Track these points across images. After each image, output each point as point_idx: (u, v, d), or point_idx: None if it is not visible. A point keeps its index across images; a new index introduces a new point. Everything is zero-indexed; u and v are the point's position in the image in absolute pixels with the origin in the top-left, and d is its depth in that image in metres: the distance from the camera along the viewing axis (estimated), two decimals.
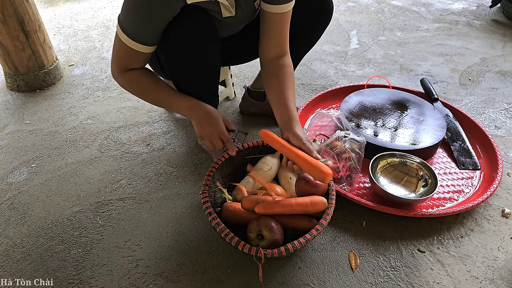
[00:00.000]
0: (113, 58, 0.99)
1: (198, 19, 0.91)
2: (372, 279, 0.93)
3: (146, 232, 1.07)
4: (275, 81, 1.04)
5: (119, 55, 0.97)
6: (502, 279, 0.93)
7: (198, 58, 0.98)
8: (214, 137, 1.02)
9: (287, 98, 1.00)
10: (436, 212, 1.04)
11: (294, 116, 0.98)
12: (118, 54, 0.97)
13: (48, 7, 2.72)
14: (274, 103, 1.03)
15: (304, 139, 0.93)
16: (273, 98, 1.03)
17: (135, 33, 0.89)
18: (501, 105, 1.58)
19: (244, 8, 1.01)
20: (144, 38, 0.90)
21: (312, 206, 0.93)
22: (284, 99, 1.00)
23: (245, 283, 0.93)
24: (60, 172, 1.29)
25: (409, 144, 1.22)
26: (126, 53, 0.94)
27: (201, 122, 1.02)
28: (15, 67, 1.70)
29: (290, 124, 0.96)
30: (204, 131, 1.02)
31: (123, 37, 0.91)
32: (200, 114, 1.02)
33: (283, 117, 0.98)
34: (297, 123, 0.97)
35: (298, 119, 0.98)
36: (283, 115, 0.98)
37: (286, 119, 0.97)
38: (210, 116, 1.02)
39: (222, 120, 1.04)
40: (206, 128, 1.02)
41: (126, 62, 0.98)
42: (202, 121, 1.02)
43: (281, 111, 0.99)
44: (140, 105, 1.61)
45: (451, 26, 2.29)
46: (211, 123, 1.01)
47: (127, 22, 0.89)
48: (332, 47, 2.08)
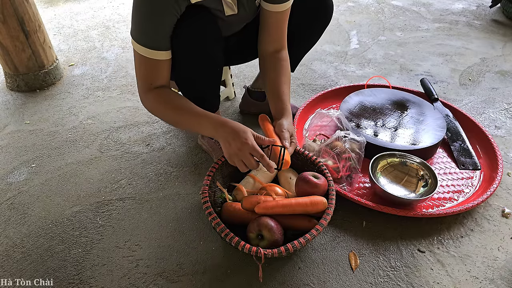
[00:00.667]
0: (137, 80, 0.98)
1: (202, 19, 0.92)
2: (372, 279, 0.93)
3: (146, 232, 1.07)
4: (272, 74, 1.11)
5: (141, 71, 0.96)
6: (502, 279, 0.93)
7: (202, 57, 0.98)
8: (244, 154, 0.89)
9: (281, 91, 1.08)
10: (436, 212, 1.04)
11: (286, 108, 1.06)
12: (139, 71, 0.96)
13: (48, 7, 2.72)
14: (269, 95, 1.11)
15: (285, 127, 1.01)
16: (269, 90, 1.11)
17: (147, 39, 0.90)
18: (501, 105, 1.58)
19: (246, 6, 1.02)
20: (156, 42, 0.90)
21: (312, 206, 0.93)
22: (279, 92, 1.08)
23: (245, 283, 0.93)
24: (60, 172, 1.29)
25: (409, 144, 1.22)
26: (146, 66, 0.94)
27: (228, 140, 0.90)
28: (15, 67, 1.70)
29: (280, 114, 1.05)
30: (232, 150, 0.90)
31: (138, 48, 0.91)
32: (227, 131, 0.90)
33: (276, 108, 1.07)
34: (287, 114, 1.05)
35: (289, 111, 1.07)
36: (276, 106, 1.08)
37: (278, 110, 1.07)
38: (238, 131, 0.90)
39: (251, 134, 0.91)
40: (234, 145, 0.89)
41: (149, 77, 0.96)
42: (229, 138, 0.90)
43: (275, 103, 1.08)
44: (140, 105, 1.61)
45: (451, 26, 2.29)
46: (239, 139, 0.89)
47: (138, 31, 0.90)
48: (332, 47, 2.08)
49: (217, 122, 0.93)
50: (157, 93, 0.97)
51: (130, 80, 1.81)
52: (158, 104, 0.98)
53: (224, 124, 0.92)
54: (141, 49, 0.91)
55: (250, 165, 0.91)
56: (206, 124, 0.94)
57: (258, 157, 0.90)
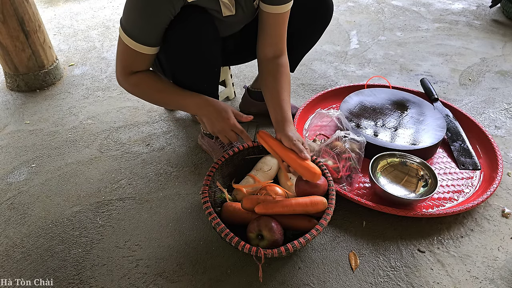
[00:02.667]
0: (117, 63, 0.98)
1: (198, 18, 0.91)
2: (372, 279, 0.93)
3: (146, 232, 1.07)
4: (271, 81, 1.07)
5: (123, 59, 0.96)
6: (502, 279, 0.93)
7: (198, 57, 0.98)
8: (227, 131, 1.01)
9: (281, 99, 1.03)
10: (436, 212, 1.04)
11: (287, 117, 1.01)
12: (122, 57, 0.96)
13: (48, 7, 2.72)
14: (269, 103, 1.06)
15: (294, 139, 0.95)
16: (268, 97, 1.07)
17: (138, 34, 0.89)
18: (501, 105, 1.58)
19: (244, 7, 1.01)
20: (147, 39, 0.90)
21: (312, 206, 0.93)
22: (279, 99, 1.03)
23: (245, 283, 0.93)
24: (60, 172, 1.29)
25: (409, 144, 1.22)
26: (130, 56, 0.94)
27: (211, 119, 1.00)
28: (15, 67, 1.70)
29: (283, 125, 0.99)
30: (215, 127, 1.01)
31: (126, 39, 0.91)
32: (210, 110, 1.00)
33: (277, 118, 1.01)
34: (290, 124, 1.00)
35: (291, 120, 1.01)
36: (277, 115, 1.02)
37: (279, 120, 1.01)
38: (220, 110, 1.00)
39: (232, 112, 1.01)
40: (217, 123, 1.00)
41: (130, 65, 0.97)
42: (212, 117, 1.00)
43: (275, 112, 1.02)
44: (140, 105, 1.61)
45: (451, 26, 2.29)
46: (222, 117, 0.99)
47: (129, 24, 0.89)
48: (332, 47, 2.08)
49: (200, 101, 1.00)
50: (138, 76, 0.98)
51: None
52: (140, 86, 1.00)
53: (207, 103, 1.00)
54: (127, 40, 0.90)
55: (231, 138, 1.02)
56: (190, 103, 1.01)
57: (239, 132, 1.01)
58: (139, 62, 0.96)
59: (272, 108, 1.04)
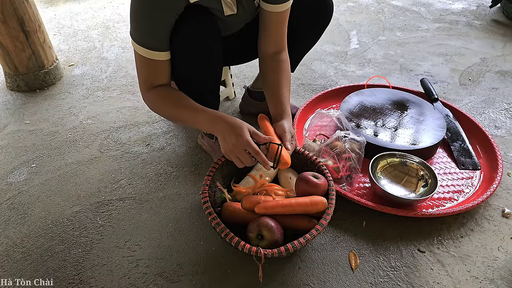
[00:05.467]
0: (139, 80, 0.99)
1: (201, 19, 0.92)
2: (372, 279, 0.93)
3: (146, 232, 1.07)
4: (272, 76, 1.10)
5: (141, 72, 0.97)
6: (502, 279, 0.93)
7: (201, 57, 0.98)
8: (239, 150, 0.88)
9: (281, 94, 1.07)
10: (436, 212, 1.04)
11: (285, 110, 1.05)
12: (140, 71, 0.97)
13: (48, 7, 2.72)
14: (269, 97, 1.09)
15: (286, 129, 0.99)
16: (269, 92, 1.10)
17: (148, 41, 0.90)
18: (501, 105, 1.58)
19: (246, 6, 1.02)
20: (155, 43, 0.91)
21: (312, 206, 0.93)
22: (279, 94, 1.07)
23: (245, 283, 0.93)
24: (60, 172, 1.29)
25: (409, 144, 1.22)
26: (146, 66, 0.94)
27: (224, 136, 0.89)
28: (15, 67, 1.70)
29: (280, 117, 1.04)
30: (227, 145, 0.89)
31: (138, 49, 0.91)
32: (223, 126, 0.89)
33: (276, 111, 1.06)
34: (287, 116, 1.04)
35: (289, 113, 1.05)
36: (276, 109, 1.06)
37: (278, 113, 1.05)
38: (233, 125, 0.88)
39: (248, 130, 0.89)
40: (229, 139, 0.88)
41: (149, 77, 0.97)
42: (225, 134, 0.89)
43: (275, 106, 1.06)
44: (140, 105, 1.61)
45: (451, 26, 2.29)
46: (235, 134, 0.87)
47: (138, 32, 0.90)
48: (332, 47, 2.08)
49: (214, 117, 0.92)
50: (156, 91, 0.98)
51: (130, 80, 1.81)
52: (157, 102, 0.99)
53: (220, 119, 0.91)
54: (140, 50, 0.91)
55: (245, 161, 0.89)
56: (203, 119, 0.93)
57: (253, 153, 0.88)
58: (156, 73, 0.96)
59: (271, 101, 1.08)
